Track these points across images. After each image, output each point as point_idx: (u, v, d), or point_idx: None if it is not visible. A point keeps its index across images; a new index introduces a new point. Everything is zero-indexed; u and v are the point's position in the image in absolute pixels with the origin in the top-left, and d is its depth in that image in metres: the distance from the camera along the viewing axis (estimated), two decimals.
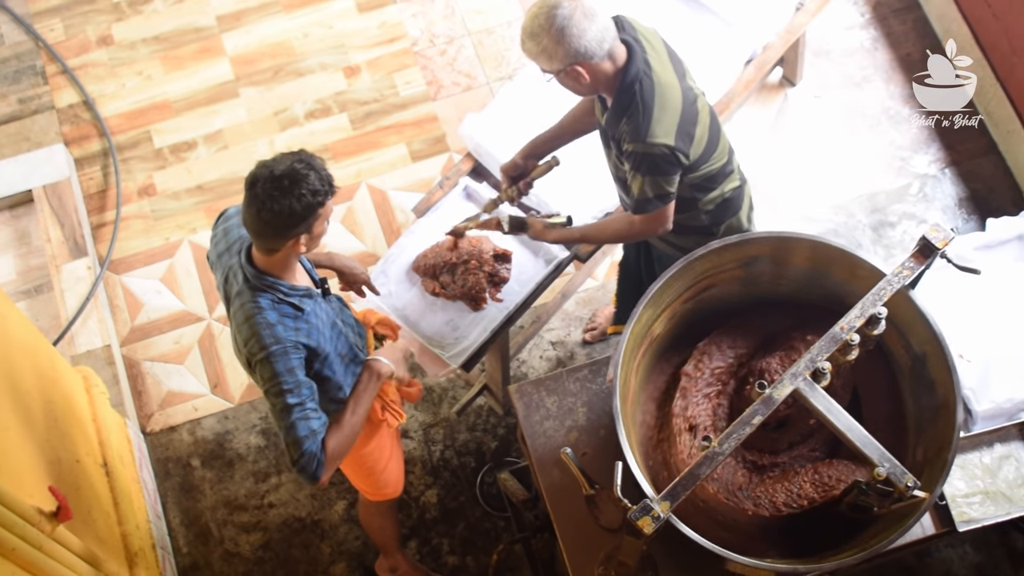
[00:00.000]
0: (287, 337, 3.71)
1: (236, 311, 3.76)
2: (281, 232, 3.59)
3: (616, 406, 3.92)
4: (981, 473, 4.37)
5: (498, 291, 4.71)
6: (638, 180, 4.02)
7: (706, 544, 3.73)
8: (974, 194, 6.05)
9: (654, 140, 3.92)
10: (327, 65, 6.42)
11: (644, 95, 3.92)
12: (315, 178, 3.55)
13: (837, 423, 3.69)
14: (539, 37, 3.80)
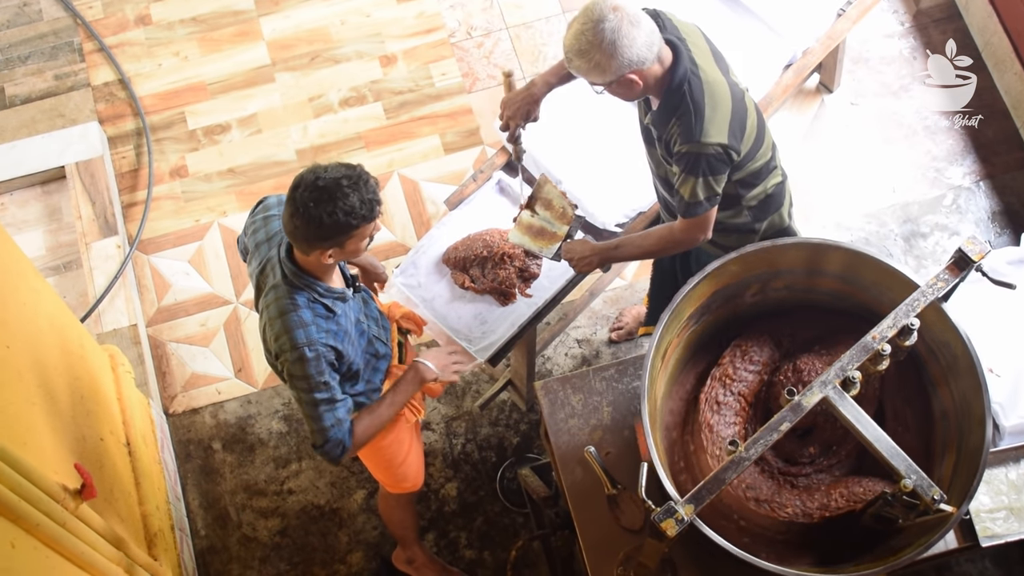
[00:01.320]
0: (319, 339, 3.75)
1: (270, 303, 3.77)
2: (309, 241, 3.62)
3: (644, 407, 3.90)
4: (1007, 489, 4.34)
5: (527, 287, 4.70)
6: (689, 182, 3.95)
7: (731, 549, 3.71)
8: (1008, 208, 6.01)
9: (708, 140, 3.88)
10: (363, 53, 6.42)
11: (694, 95, 3.87)
12: (356, 199, 3.54)
13: (865, 433, 3.67)
14: (589, 54, 3.73)
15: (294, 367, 3.76)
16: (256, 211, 4.04)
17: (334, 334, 3.81)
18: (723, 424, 4.17)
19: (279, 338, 3.74)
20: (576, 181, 4.77)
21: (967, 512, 4.22)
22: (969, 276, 3.99)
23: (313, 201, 3.53)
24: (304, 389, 3.78)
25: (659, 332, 4.02)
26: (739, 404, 4.22)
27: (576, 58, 3.76)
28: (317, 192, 3.53)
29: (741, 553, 3.72)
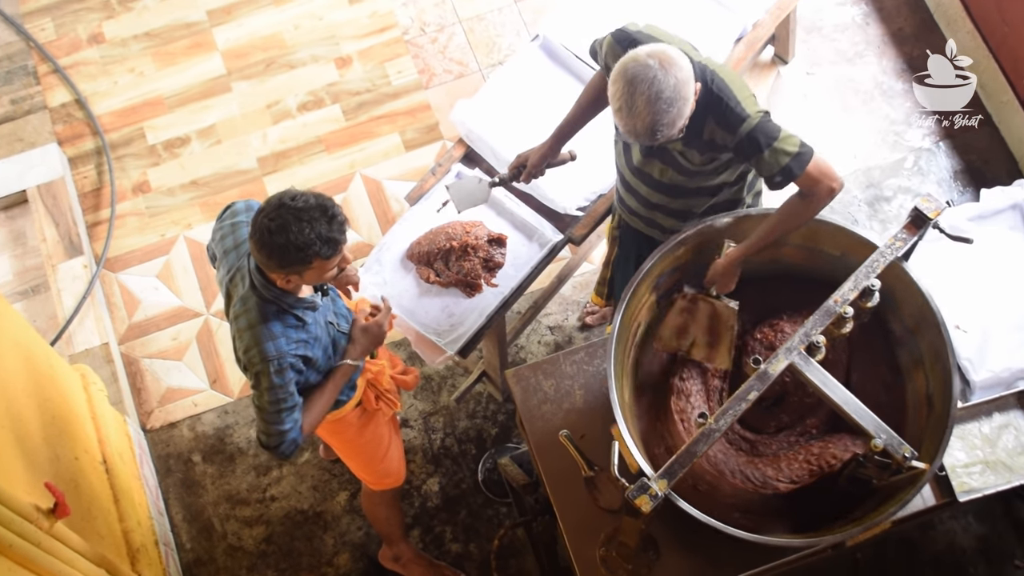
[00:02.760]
0: (288, 351, 3.73)
1: (239, 314, 3.75)
2: (267, 265, 3.61)
3: (612, 386, 3.92)
4: (980, 443, 4.35)
5: (493, 276, 4.71)
6: (762, 158, 3.84)
7: (707, 520, 3.72)
8: (969, 166, 6.03)
9: (750, 115, 3.80)
10: (319, 57, 6.41)
11: (717, 86, 3.81)
12: (313, 234, 3.50)
13: (833, 396, 3.69)
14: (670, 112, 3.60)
15: (261, 378, 3.74)
16: (223, 216, 4.02)
17: (304, 343, 3.80)
18: (693, 398, 4.18)
19: (248, 350, 3.73)
20: None
21: (942, 469, 4.24)
22: (929, 234, 4.02)
23: (270, 230, 3.49)
24: (269, 398, 3.77)
25: (621, 311, 4.04)
26: (708, 376, 4.23)
27: (665, 128, 3.63)
28: (277, 220, 3.49)
29: (717, 523, 3.74)
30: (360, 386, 4.29)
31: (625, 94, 3.59)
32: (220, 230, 3.97)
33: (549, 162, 4.50)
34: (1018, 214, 4.68)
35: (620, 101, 3.61)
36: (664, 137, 3.65)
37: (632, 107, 3.58)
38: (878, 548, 5.21)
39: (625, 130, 3.67)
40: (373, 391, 4.37)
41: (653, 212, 4.32)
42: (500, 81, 5.00)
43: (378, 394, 4.39)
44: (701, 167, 4.02)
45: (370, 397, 4.36)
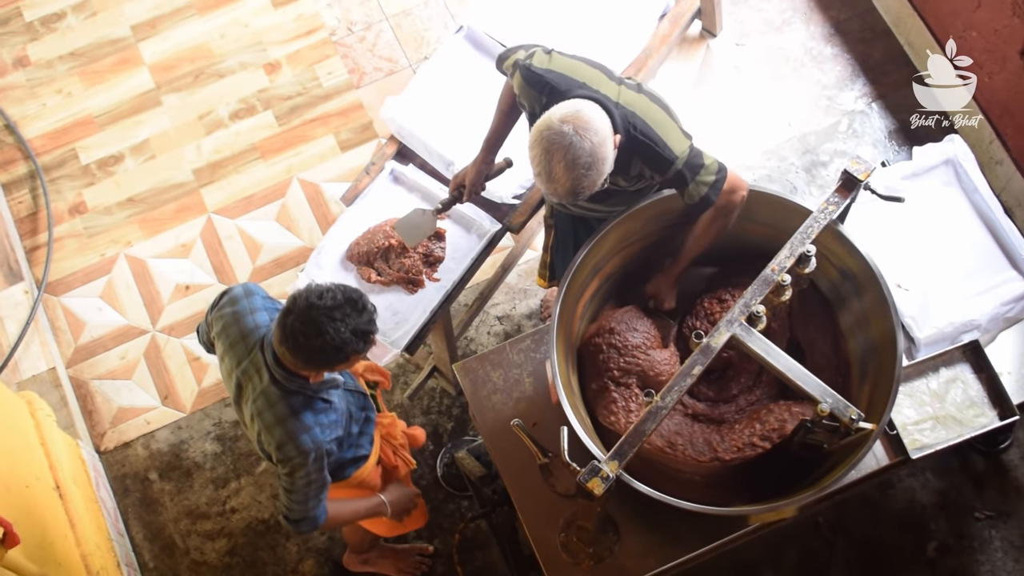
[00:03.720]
0: (323, 441, 3.73)
1: (262, 410, 3.70)
2: (298, 366, 3.59)
3: (555, 371, 3.92)
4: (929, 399, 4.38)
5: (434, 271, 4.70)
6: (687, 189, 3.93)
7: (657, 495, 3.76)
8: (903, 125, 6.06)
9: (678, 152, 3.87)
10: (247, 64, 6.36)
11: (640, 130, 3.84)
12: (348, 333, 3.48)
13: (777, 364, 3.70)
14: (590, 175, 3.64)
15: (298, 470, 3.74)
16: (221, 304, 3.91)
17: (335, 424, 3.81)
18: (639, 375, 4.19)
19: (283, 446, 3.69)
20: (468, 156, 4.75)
21: (893, 427, 4.27)
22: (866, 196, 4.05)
23: (303, 334, 3.46)
24: (303, 483, 3.78)
25: (561, 296, 4.04)
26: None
27: (585, 190, 3.67)
28: (308, 324, 3.45)
29: (668, 499, 3.76)
30: (376, 440, 4.28)
31: (543, 161, 3.63)
32: (221, 319, 3.87)
33: (487, 175, 4.52)
34: (951, 169, 4.71)
35: (539, 167, 3.65)
36: (585, 197, 3.75)
37: (551, 173, 3.63)
38: (840, 510, 5.24)
39: (547, 192, 3.73)
40: (389, 447, 4.39)
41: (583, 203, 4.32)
42: (427, 75, 4.99)
43: (394, 449, 4.41)
44: (632, 186, 4.09)
45: (387, 452, 4.37)
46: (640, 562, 4.12)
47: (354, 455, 4.09)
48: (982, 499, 5.29)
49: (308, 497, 3.83)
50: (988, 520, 5.25)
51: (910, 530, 5.25)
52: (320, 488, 3.84)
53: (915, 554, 5.20)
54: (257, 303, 3.84)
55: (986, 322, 4.40)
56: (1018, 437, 5.30)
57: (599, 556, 4.10)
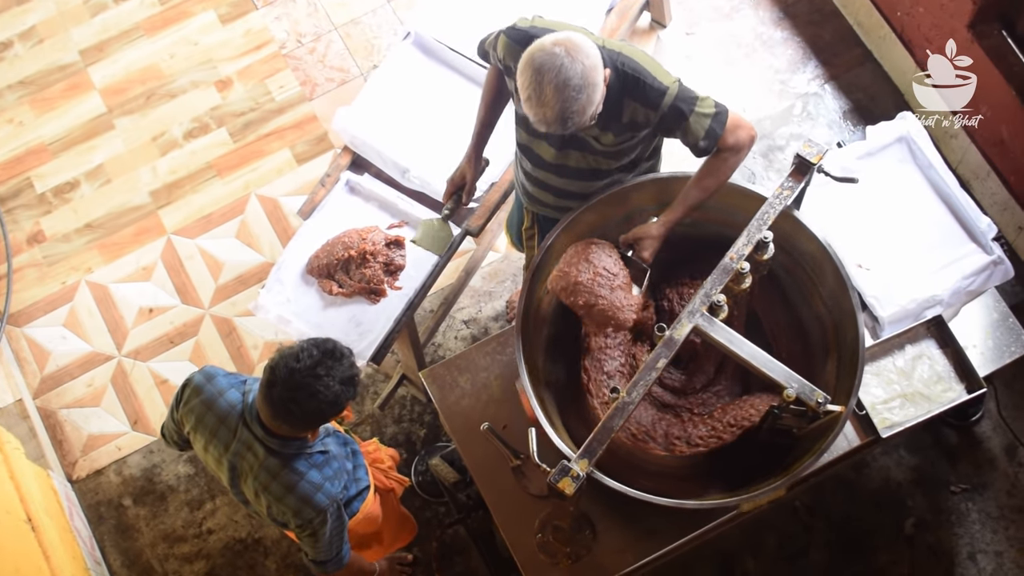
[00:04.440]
0: (336, 491, 3.77)
1: (268, 484, 3.72)
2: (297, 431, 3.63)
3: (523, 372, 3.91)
4: (897, 377, 4.39)
5: (396, 279, 4.68)
6: (688, 125, 3.85)
7: (628, 491, 3.76)
8: (857, 104, 6.08)
9: (668, 87, 3.81)
10: (198, 82, 6.33)
11: (628, 66, 3.80)
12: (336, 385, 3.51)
13: (740, 352, 3.70)
14: (579, 99, 3.56)
15: (321, 527, 3.78)
16: (186, 399, 3.87)
17: (340, 471, 3.83)
18: (606, 370, 4.18)
19: (300, 512, 3.72)
20: (423, 162, 4.75)
21: (862, 407, 4.27)
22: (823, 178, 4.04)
23: (295, 400, 3.48)
24: (327, 535, 3.83)
25: (524, 296, 4.03)
26: (619, 348, 4.23)
27: (575, 116, 3.59)
28: (297, 389, 3.47)
29: (643, 495, 3.76)
30: (368, 469, 4.29)
31: (533, 83, 3.55)
32: (191, 412, 3.85)
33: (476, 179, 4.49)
34: (905, 147, 4.72)
35: (528, 91, 3.57)
36: (575, 125, 3.62)
37: (541, 96, 3.55)
38: (816, 493, 5.25)
39: (535, 119, 3.63)
40: (380, 472, 4.44)
41: (568, 201, 4.30)
42: (377, 83, 4.96)
43: (384, 472, 4.46)
44: (618, 146, 4.00)
45: (379, 477, 4.42)
46: (618, 558, 4.12)
47: (357, 490, 4.13)
48: (957, 473, 5.31)
49: (333, 543, 3.89)
50: (964, 493, 5.27)
51: (887, 508, 5.26)
52: (343, 530, 3.90)
53: (893, 531, 5.22)
54: (222, 384, 3.83)
55: (948, 297, 4.41)
56: (988, 408, 5.32)
57: (577, 555, 4.10)
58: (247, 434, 3.71)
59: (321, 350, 3.51)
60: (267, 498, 3.74)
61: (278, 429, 3.61)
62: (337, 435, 4.01)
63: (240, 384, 3.84)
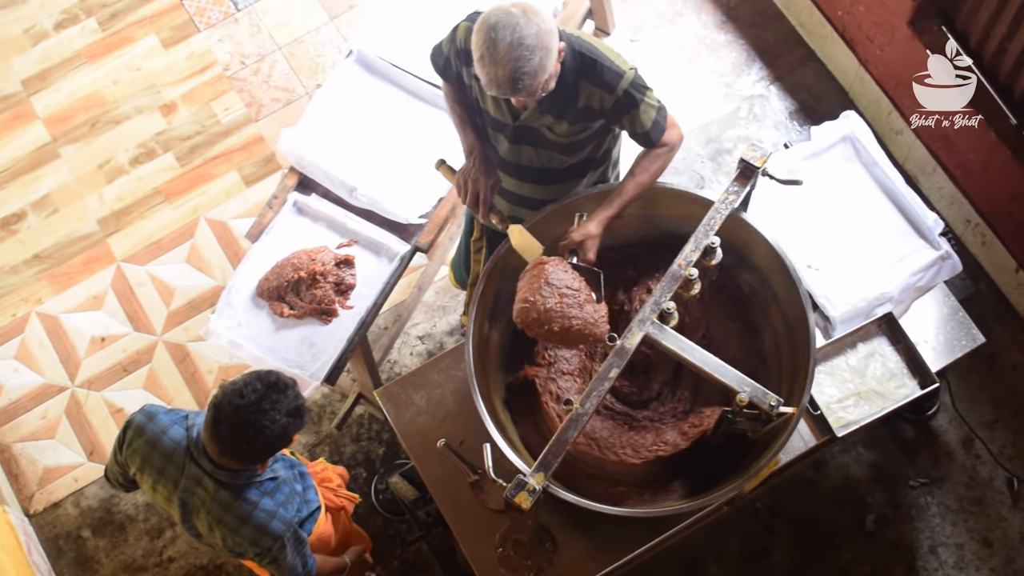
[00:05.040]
0: (291, 516, 3.77)
1: (221, 516, 3.71)
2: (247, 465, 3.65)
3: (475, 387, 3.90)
4: (850, 375, 4.41)
5: (347, 299, 4.66)
6: (638, 113, 3.89)
7: (584, 503, 3.77)
8: (802, 104, 6.10)
9: (625, 71, 3.83)
10: (143, 107, 6.29)
11: (584, 48, 3.81)
12: (283, 417, 3.51)
13: (692, 359, 3.71)
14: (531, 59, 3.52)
15: (280, 552, 3.78)
16: (129, 440, 3.86)
17: (292, 495, 3.85)
18: (561, 383, 4.18)
19: (258, 541, 3.72)
20: (369, 180, 4.73)
21: (817, 408, 4.29)
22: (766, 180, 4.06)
23: (243, 437, 3.48)
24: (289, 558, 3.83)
25: (474, 309, 4.03)
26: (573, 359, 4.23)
27: (526, 78, 3.55)
28: (243, 426, 3.47)
29: (599, 506, 3.78)
30: (317, 489, 4.27)
31: (487, 41, 3.53)
32: (136, 453, 3.83)
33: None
34: (849, 145, 4.74)
35: (482, 49, 3.55)
36: (526, 89, 3.59)
37: (494, 54, 3.53)
38: (776, 493, 5.26)
39: (487, 80, 3.60)
40: (328, 491, 4.42)
41: (521, 209, 4.29)
42: (321, 103, 4.95)
43: (334, 491, 4.44)
44: (572, 137, 4.00)
45: (329, 496, 4.40)
46: (580, 568, 4.12)
47: (308, 511, 4.10)
48: (915, 467, 5.33)
49: (297, 563, 3.88)
50: (923, 487, 5.30)
51: (847, 505, 5.28)
52: (303, 548, 3.89)
53: (855, 528, 5.24)
54: (163, 421, 3.82)
55: (898, 293, 4.44)
56: (944, 402, 5.35)
57: (538, 568, 4.09)
58: (195, 469, 3.70)
59: (265, 383, 3.51)
60: (222, 531, 3.73)
61: (227, 464, 3.61)
62: (284, 459, 4.00)
63: (182, 420, 3.82)
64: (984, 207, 5.44)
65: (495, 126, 4.07)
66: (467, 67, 3.94)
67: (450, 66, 4.07)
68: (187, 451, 3.72)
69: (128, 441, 3.85)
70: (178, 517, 3.84)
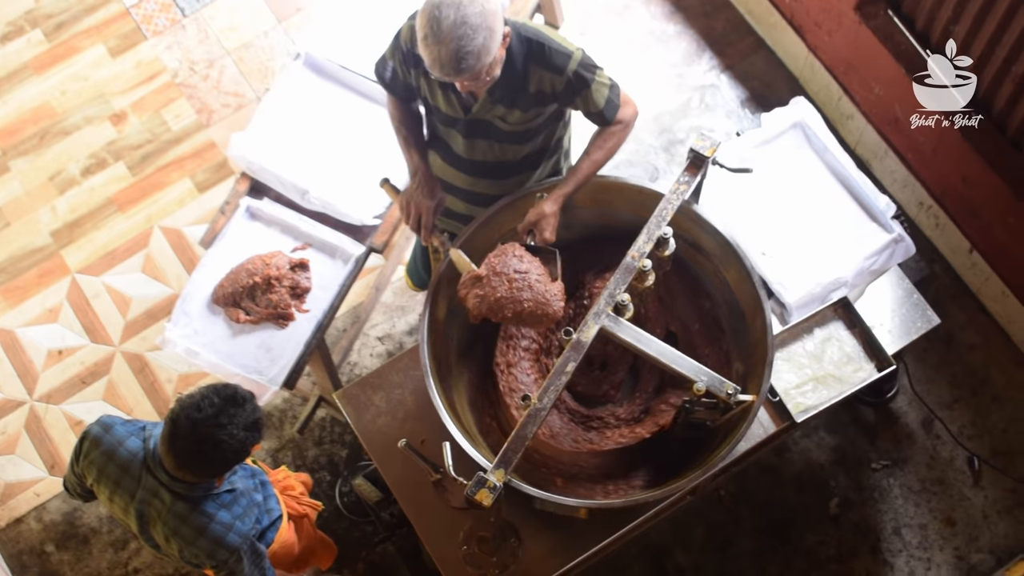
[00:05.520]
0: (247, 530, 3.76)
1: (178, 528, 3.70)
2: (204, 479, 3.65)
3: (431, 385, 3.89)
4: (807, 361, 4.43)
5: (303, 302, 4.64)
6: (590, 93, 3.92)
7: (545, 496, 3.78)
8: (753, 92, 6.12)
9: (572, 52, 3.86)
10: (92, 118, 6.24)
11: (532, 33, 3.81)
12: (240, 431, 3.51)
13: (648, 350, 3.71)
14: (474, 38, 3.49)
15: (237, 565, 3.77)
16: (85, 451, 3.85)
17: (250, 506, 3.83)
18: (520, 379, 4.18)
19: (214, 553, 3.71)
20: (322, 183, 4.71)
21: (775, 394, 4.30)
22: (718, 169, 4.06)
23: (200, 452, 3.48)
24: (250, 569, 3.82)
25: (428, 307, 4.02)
26: (531, 355, 4.24)
27: (470, 58, 3.51)
28: (201, 441, 3.47)
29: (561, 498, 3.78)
30: (279, 498, 4.25)
31: (431, 20, 3.49)
32: (92, 465, 3.83)
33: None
34: (800, 132, 4.76)
35: (426, 28, 3.51)
36: (469, 69, 3.55)
37: (438, 33, 3.49)
38: (740, 480, 5.28)
39: (430, 60, 3.56)
40: (291, 498, 4.39)
41: (477, 207, 4.29)
42: (270, 107, 4.92)
43: (296, 499, 4.42)
44: (526, 124, 4.00)
45: (292, 504, 4.37)
46: (545, 563, 4.13)
47: (270, 520, 4.09)
48: (877, 449, 5.36)
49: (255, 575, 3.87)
50: (885, 469, 5.33)
51: (811, 490, 5.31)
52: (261, 561, 3.88)
53: (818, 513, 5.27)
54: (120, 433, 3.81)
55: (853, 277, 4.45)
56: (902, 384, 5.38)
57: (504, 564, 4.09)
58: (152, 481, 3.69)
59: (222, 397, 3.51)
60: (178, 542, 3.72)
61: (184, 477, 3.60)
62: (244, 467, 3.98)
63: (139, 431, 3.82)
64: (936, 189, 5.47)
65: (447, 122, 4.06)
66: (415, 68, 3.92)
67: (396, 76, 4.05)
68: (144, 463, 3.71)
69: (84, 452, 3.84)
70: (135, 528, 3.83)
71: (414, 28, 3.73)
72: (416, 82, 3.98)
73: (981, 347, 5.52)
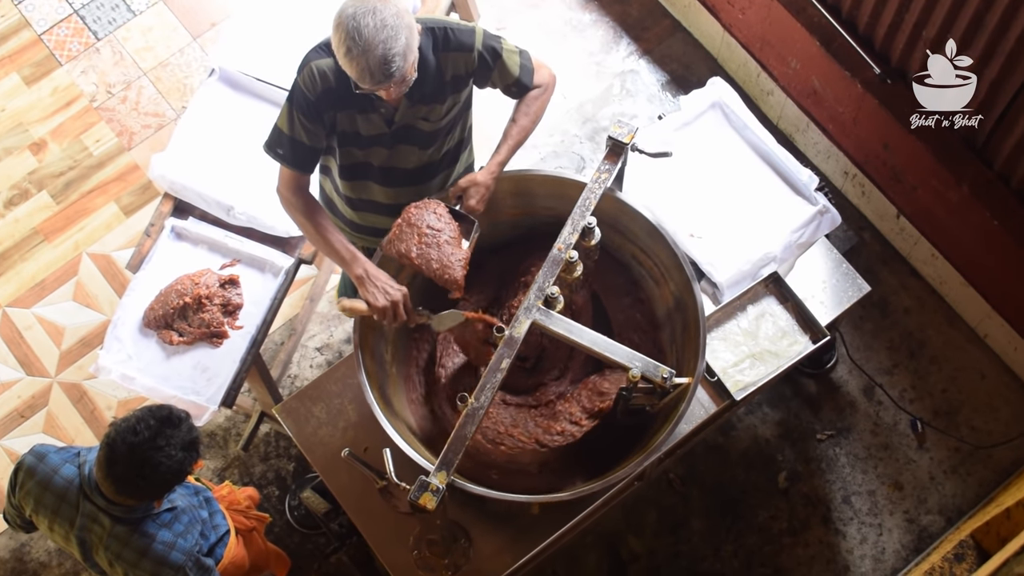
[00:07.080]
0: (190, 547, 3.73)
1: (120, 551, 3.68)
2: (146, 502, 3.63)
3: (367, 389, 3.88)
4: (743, 338, 4.45)
5: (236, 319, 4.62)
6: (503, 63, 3.95)
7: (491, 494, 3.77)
8: (673, 75, 6.14)
9: (474, 27, 3.90)
10: (11, 148, 6.16)
11: (433, 23, 3.81)
12: (179, 452, 3.49)
13: (581, 340, 3.71)
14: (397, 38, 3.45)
15: None
16: (21, 482, 3.82)
17: (191, 523, 3.80)
18: (462, 379, 4.17)
19: (158, 573, 3.69)
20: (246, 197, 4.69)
21: (714, 374, 4.32)
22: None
23: (139, 476, 3.45)
24: None
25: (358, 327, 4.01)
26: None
27: (397, 59, 3.47)
28: (139, 464, 3.44)
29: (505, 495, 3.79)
30: (225, 513, 4.22)
31: (351, 33, 3.44)
32: (29, 495, 3.79)
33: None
34: (718, 112, 4.78)
35: (348, 42, 3.46)
36: (398, 71, 3.51)
37: (360, 42, 3.43)
38: (688, 462, 5.30)
39: (358, 71, 3.50)
40: (238, 512, 4.36)
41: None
42: (188, 125, 4.88)
43: (243, 513, 4.39)
44: (447, 117, 3.99)
45: (239, 519, 4.34)
46: (498, 560, 4.13)
47: (217, 536, 4.06)
48: (820, 420, 5.40)
49: None
50: (830, 439, 5.37)
51: (759, 466, 5.34)
52: (209, 574, 3.85)
53: (768, 487, 5.30)
54: (54, 461, 3.78)
55: (781, 252, 4.48)
56: (841, 353, 5.42)
57: (456, 565, 4.09)
58: (90, 507, 3.66)
59: (157, 419, 3.48)
60: (122, 566, 3.69)
61: (124, 501, 3.58)
62: (186, 485, 3.96)
63: (74, 457, 3.78)
64: (859, 158, 5.51)
65: (369, 143, 3.96)
66: (327, 112, 3.81)
67: (297, 145, 3.88)
68: (80, 489, 3.68)
69: (20, 483, 3.82)
70: (79, 555, 3.80)
71: (314, 75, 3.73)
72: (328, 127, 3.86)
73: (915, 310, 5.57)
